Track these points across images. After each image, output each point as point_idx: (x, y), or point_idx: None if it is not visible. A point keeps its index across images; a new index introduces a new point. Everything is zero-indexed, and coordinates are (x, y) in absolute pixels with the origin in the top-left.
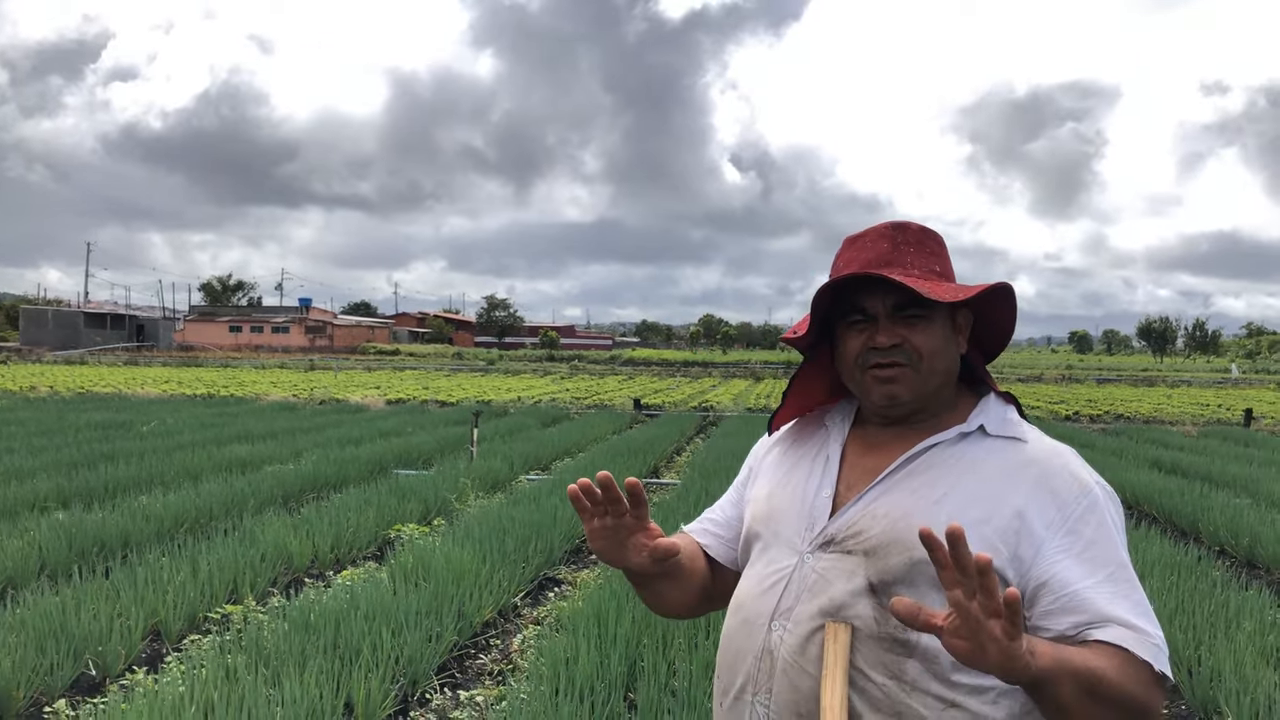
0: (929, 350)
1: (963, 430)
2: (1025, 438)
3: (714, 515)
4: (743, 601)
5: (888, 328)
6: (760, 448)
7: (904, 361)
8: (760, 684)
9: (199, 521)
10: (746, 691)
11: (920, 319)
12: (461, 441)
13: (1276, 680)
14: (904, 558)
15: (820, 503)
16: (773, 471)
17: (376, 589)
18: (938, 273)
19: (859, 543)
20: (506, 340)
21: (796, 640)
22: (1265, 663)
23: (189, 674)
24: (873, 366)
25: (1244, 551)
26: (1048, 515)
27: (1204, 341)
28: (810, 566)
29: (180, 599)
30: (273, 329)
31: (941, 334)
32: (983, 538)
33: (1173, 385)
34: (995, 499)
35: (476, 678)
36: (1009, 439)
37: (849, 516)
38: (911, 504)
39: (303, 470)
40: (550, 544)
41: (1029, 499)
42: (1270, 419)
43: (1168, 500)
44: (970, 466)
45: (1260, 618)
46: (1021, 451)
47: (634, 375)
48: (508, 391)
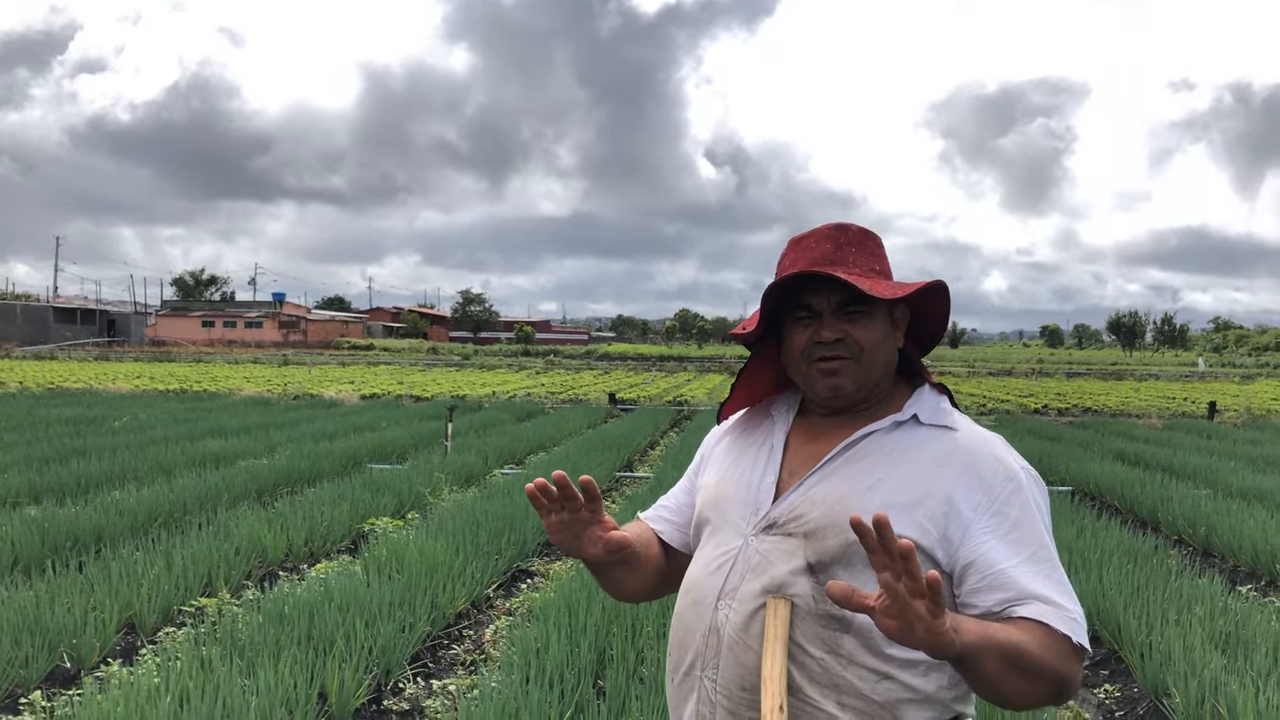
0: (870, 344)
1: (897, 419)
2: (956, 426)
3: (667, 502)
4: (692, 583)
5: (832, 323)
6: (711, 438)
7: (846, 355)
8: (708, 660)
9: (173, 516)
10: (695, 668)
11: (862, 315)
12: (436, 436)
13: (1223, 663)
14: (840, 540)
15: (764, 488)
16: (721, 460)
17: (350, 581)
18: (877, 271)
19: (799, 526)
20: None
21: (741, 618)
22: (1213, 646)
23: (164, 665)
24: (818, 360)
25: (1200, 540)
26: (975, 499)
27: (1172, 336)
28: (754, 548)
29: (154, 592)
30: (246, 324)
31: (881, 329)
32: (914, 521)
33: (1141, 379)
34: (926, 484)
35: (449, 667)
36: (941, 427)
37: (790, 501)
38: (848, 489)
39: (277, 465)
40: (523, 536)
41: (957, 484)
42: (1233, 412)
43: (1129, 491)
44: (904, 453)
45: (1211, 604)
46: (952, 439)
47: (609, 370)
48: (483, 386)
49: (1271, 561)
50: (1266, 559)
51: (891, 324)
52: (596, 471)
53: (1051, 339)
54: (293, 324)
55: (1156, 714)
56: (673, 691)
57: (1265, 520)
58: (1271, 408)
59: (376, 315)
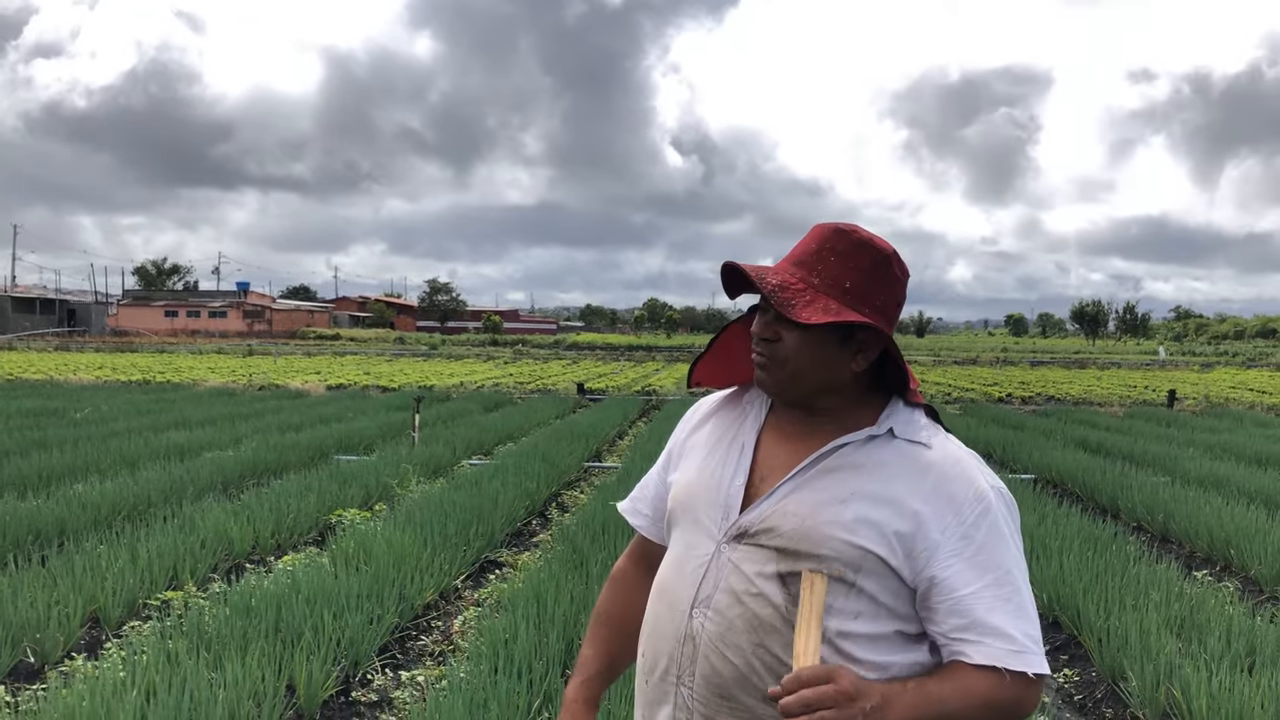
0: (793, 354)
1: (872, 433)
2: (930, 443)
3: (644, 495)
4: (665, 585)
5: (768, 322)
6: (685, 425)
7: (771, 355)
8: (684, 668)
9: (137, 509)
10: (670, 674)
11: (795, 325)
12: (403, 427)
13: (1178, 646)
14: (811, 556)
15: (734, 491)
16: (696, 453)
17: (318, 573)
18: (846, 289)
19: (771, 538)
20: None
21: (716, 628)
22: (1169, 630)
23: (129, 659)
24: (755, 350)
25: (1159, 527)
26: (944, 520)
27: (1134, 325)
28: (726, 557)
29: (119, 586)
30: (210, 314)
31: (814, 344)
32: (882, 536)
33: (1103, 367)
34: (896, 502)
35: (418, 658)
36: (915, 443)
37: (761, 511)
38: (820, 501)
39: (242, 456)
40: (492, 528)
41: (927, 503)
42: (1192, 400)
43: (1090, 479)
44: (876, 468)
45: (1167, 589)
46: (926, 456)
47: (578, 360)
48: (450, 377)
49: (1226, 547)
50: (1221, 545)
51: (840, 344)
52: (565, 461)
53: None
54: (257, 314)
55: (1114, 697)
56: (645, 691)
57: (1221, 507)
58: (1230, 395)
59: (342, 305)
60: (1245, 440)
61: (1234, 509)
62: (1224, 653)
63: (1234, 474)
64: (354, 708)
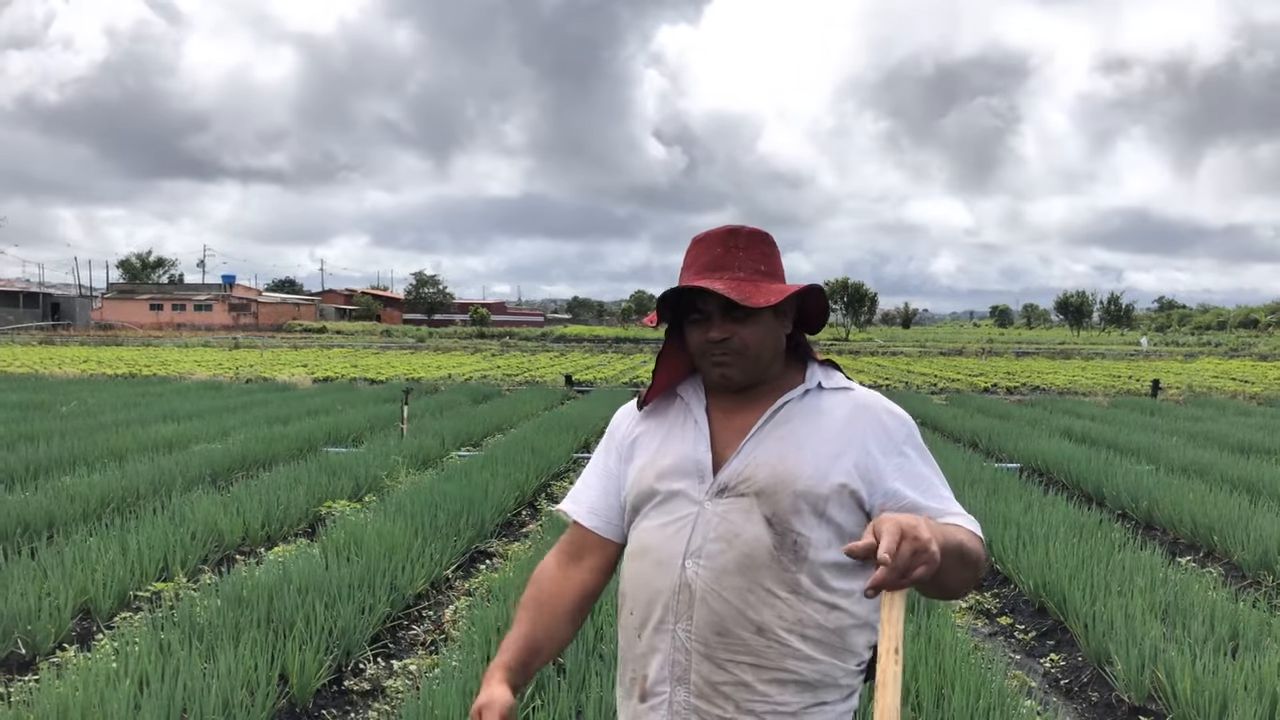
0: (754, 341)
1: (806, 388)
2: (852, 388)
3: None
4: (651, 546)
5: (719, 324)
6: (623, 426)
7: (733, 351)
8: (680, 613)
9: (126, 501)
10: (667, 621)
11: (747, 316)
12: (391, 419)
13: (1162, 631)
14: (788, 493)
15: (702, 458)
16: (647, 445)
17: (309, 563)
18: (763, 271)
19: (749, 486)
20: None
21: (711, 574)
22: (1153, 615)
23: (122, 650)
24: (710, 354)
25: (1143, 514)
26: (883, 444)
27: (1118, 315)
28: (711, 511)
29: (110, 578)
30: (195, 307)
31: (764, 326)
32: (843, 468)
33: (1088, 358)
34: (846, 438)
35: (410, 648)
36: (841, 390)
37: (735, 467)
38: (784, 449)
39: (231, 449)
40: (482, 518)
41: (868, 434)
42: (1175, 389)
43: (1075, 467)
44: (820, 414)
45: (1151, 575)
46: (853, 398)
47: (566, 352)
48: (438, 369)
49: (1209, 533)
50: (1205, 531)
51: (775, 318)
52: (554, 452)
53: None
54: (243, 307)
55: (1099, 681)
56: (637, 645)
57: (1204, 494)
58: (1212, 385)
59: (329, 298)
60: (1227, 429)
61: (1217, 496)
62: (1207, 637)
63: (1216, 462)
64: (346, 697)
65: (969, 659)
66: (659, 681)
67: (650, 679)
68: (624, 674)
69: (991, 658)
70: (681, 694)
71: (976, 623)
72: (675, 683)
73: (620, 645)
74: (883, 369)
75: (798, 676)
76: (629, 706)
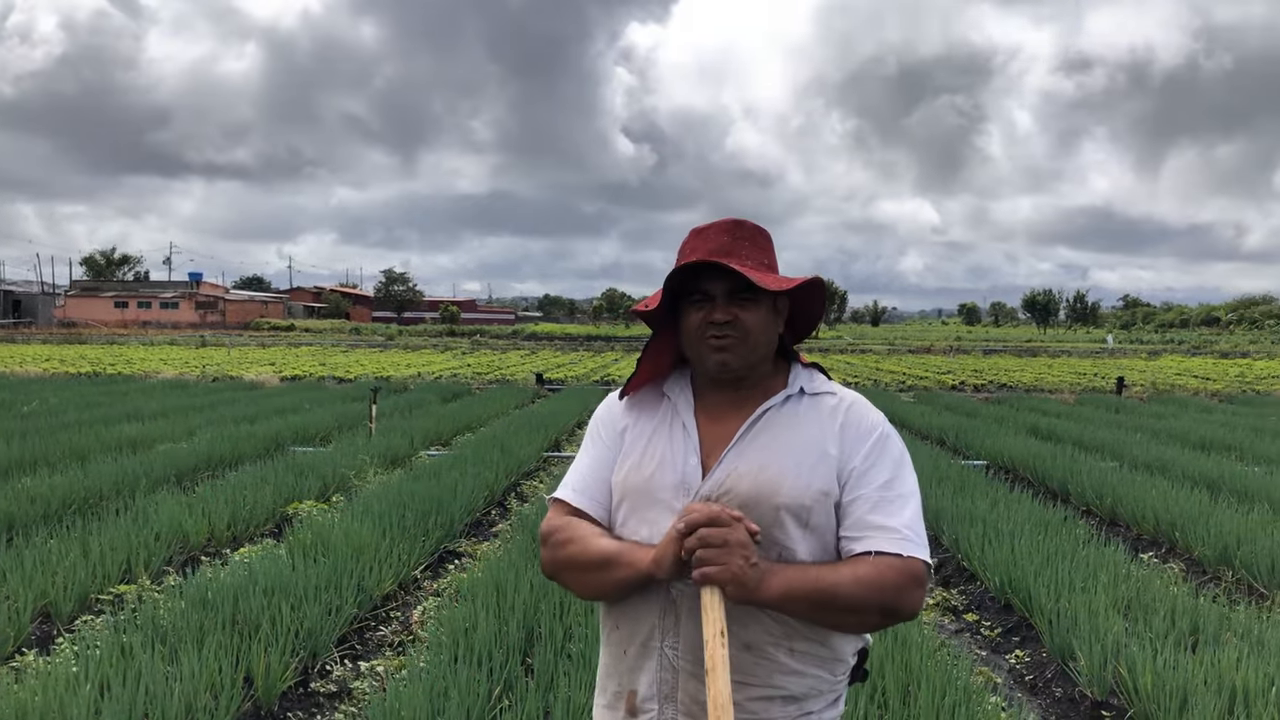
0: (755, 327)
1: (788, 394)
2: (835, 392)
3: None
4: None
5: (724, 306)
6: (610, 418)
7: (735, 335)
8: (667, 631)
9: (88, 502)
10: (653, 641)
11: (750, 302)
12: (360, 418)
13: (1124, 626)
14: (770, 506)
15: (690, 469)
16: (635, 442)
17: (275, 564)
18: (766, 265)
19: (731, 499)
20: (406, 315)
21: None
22: (1116, 611)
23: (82, 654)
24: (710, 337)
25: (1107, 511)
26: (854, 448)
27: (1084, 313)
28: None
29: (71, 580)
30: (161, 304)
31: (765, 315)
32: (822, 475)
33: (1054, 355)
34: (820, 444)
35: (377, 649)
36: (824, 394)
37: (717, 478)
38: (765, 458)
39: (196, 448)
40: (451, 518)
41: (842, 439)
42: (1139, 386)
43: (1041, 464)
44: (799, 422)
45: (1115, 571)
46: (832, 404)
47: (536, 350)
48: (407, 367)
49: (1171, 530)
50: (1167, 527)
51: (774, 313)
52: (524, 451)
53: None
54: (211, 304)
55: (1063, 677)
56: (622, 660)
57: (1166, 490)
58: (1175, 382)
59: (297, 295)
60: (1189, 426)
61: (1179, 493)
62: (1168, 632)
63: (1178, 459)
64: (313, 699)
65: (935, 656)
66: (648, 699)
67: (640, 695)
68: (606, 685)
69: (958, 654)
70: (670, 711)
71: (943, 619)
72: (664, 700)
73: (603, 658)
74: (852, 367)
75: (785, 691)
76: (613, 719)
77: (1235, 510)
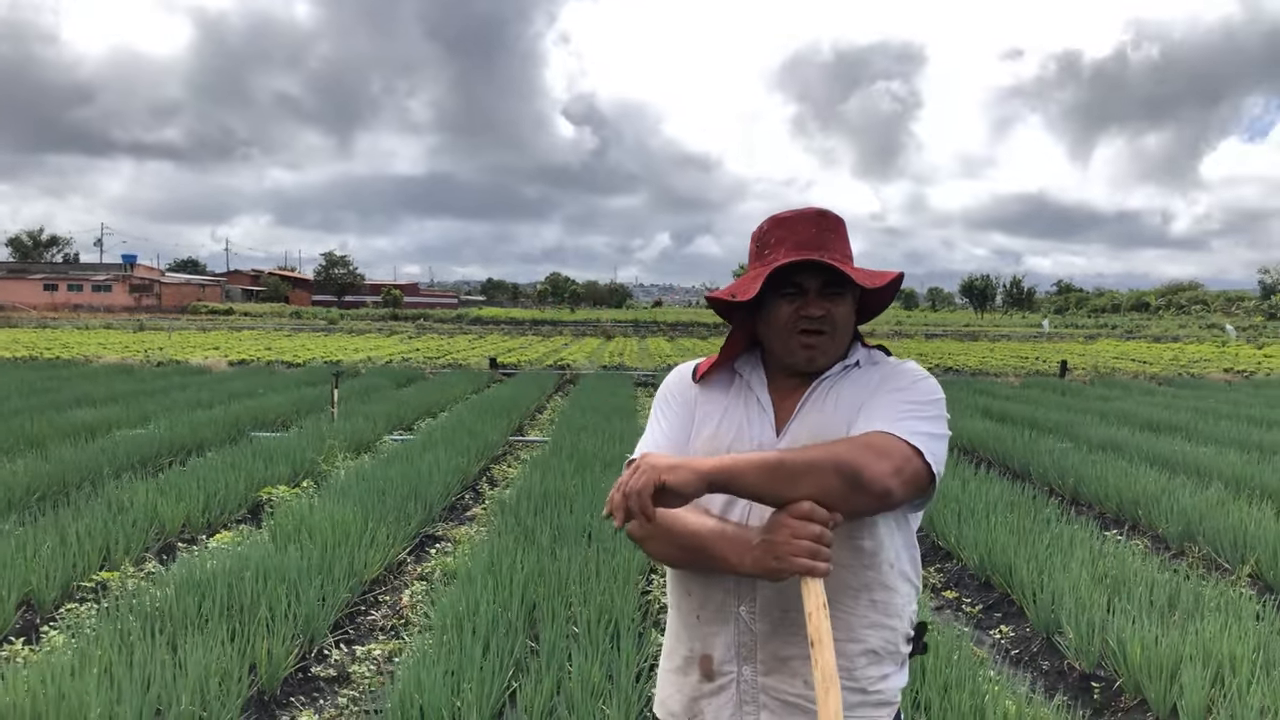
0: (844, 322)
1: (845, 364)
2: (887, 362)
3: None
4: None
5: (817, 301)
6: (684, 392)
7: (826, 330)
8: (744, 595)
9: (52, 489)
10: (729, 604)
11: (839, 296)
12: (317, 403)
13: (1116, 603)
14: None
15: (766, 443)
16: (710, 414)
17: (262, 549)
18: (849, 256)
19: None
20: (347, 299)
21: None
22: (1097, 586)
23: (81, 640)
24: (801, 331)
25: (1069, 490)
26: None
27: (1020, 299)
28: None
29: (51, 568)
30: (94, 288)
31: (850, 308)
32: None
33: (994, 340)
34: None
35: (370, 633)
36: (880, 363)
37: (781, 446)
38: (821, 420)
39: (158, 434)
40: (429, 502)
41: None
42: (1081, 370)
43: (1000, 446)
44: (849, 383)
45: (1089, 547)
46: (883, 363)
47: (484, 335)
48: (355, 351)
49: (1134, 508)
50: (1130, 506)
51: (853, 303)
52: (490, 436)
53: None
54: (146, 288)
55: (1049, 651)
56: (697, 626)
57: (1126, 470)
58: (1115, 365)
59: (235, 279)
60: (1135, 408)
61: (1138, 472)
62: (1150, 605)
63: (1131, 440)
64: (314, 683)
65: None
66: (725, 661)
67: (716, 659)
68: (676, 650)
69: (942, 631)
70: (749, 673)
71: (923, 597)
72: (742, 662)
73: (672, 623)
74: None
75: (865, 645)
76: (685, 683)
77: (1194, 490)
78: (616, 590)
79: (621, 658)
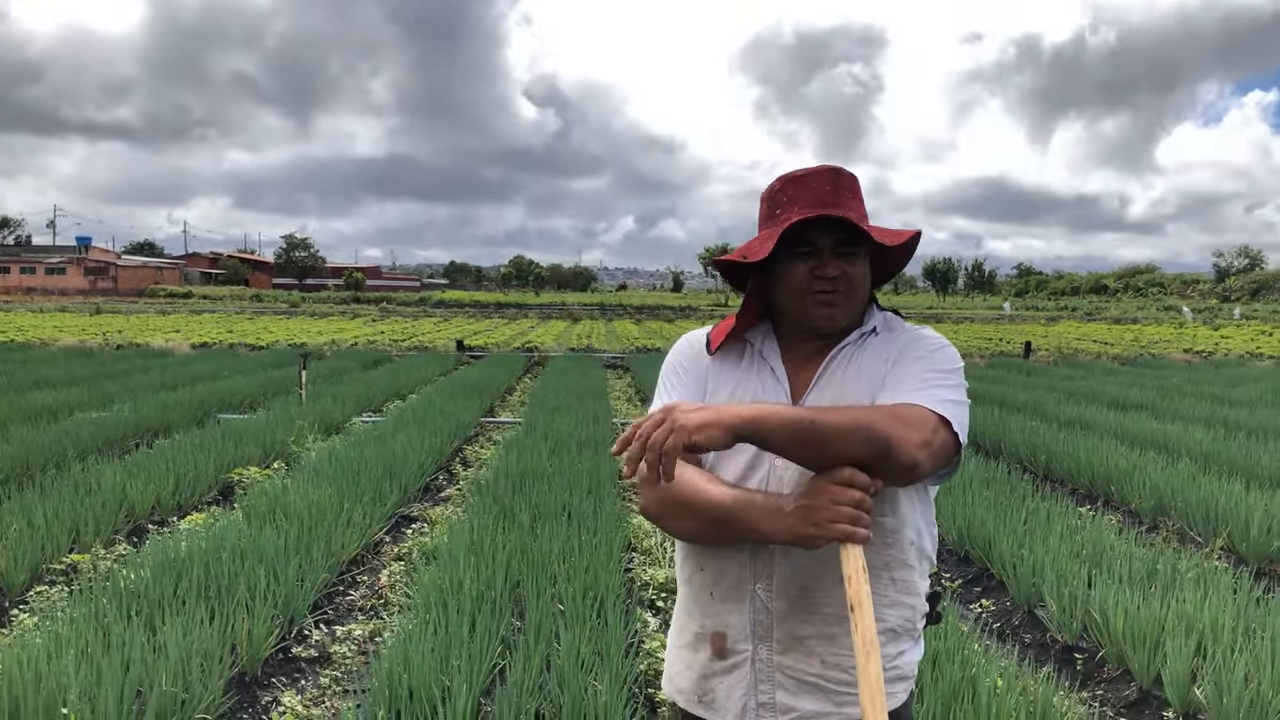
0: (859, 280)
1: (862, 332)
2: (904, 329)
3: None
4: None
5: (831, 260)
6: (695, 358)
7: (842, 289)
8: (760, 572)
9: (15, 471)
10: (745, 581)
11: (854, 255)
12: (283, 385)
13: (1097, 577)
14: None
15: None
16: (721, 383)
17: (237, 530)
18: (864, 216)
19: None
20: (308, 282)
21: None
22: (1076, 559)
23: (55, 622)
24: (816, 291)
25: (1041, 467)
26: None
27: (982, 281)
28: (780, 465)
29: (19, 551)
30: (47, 270)
31: (865, 267)
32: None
33: (957, 322)
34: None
35: (348, 613)
36: (897, 330)
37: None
38: (839, 392)
39: (122, 416)
40: (404, 483)
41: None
42: (1044, 351)
43: (973, 424)
44: (871, 353)
45: (1066, 522)
46: (902, 329)
47: (449, 317)
48: (319, 334)
49: (1106, 484)
50: (1102, 482)
51: (869, 264)
52: (462, 417)
53: None
54: (101, 270)
55: (1031, 624)
56: (710, 603)
57: (1096, 446)
58: (1077, 346)
59: (193, 261)
60: (1100, 387)
61: (1108, 449)
62: (1128, 578)
63: (1098, 418)
64: (294, 664)
65: None
66: (740, 639)
67: (730, 637)
68: (686, 626)
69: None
70: (764, 652)
71: None
72: (758, 641)
73: (683, 599)
74: None
75: (885, 624)
76: (695, 660)
77: (1163, 465)
78: (600, 566)
79: (610, 633)
